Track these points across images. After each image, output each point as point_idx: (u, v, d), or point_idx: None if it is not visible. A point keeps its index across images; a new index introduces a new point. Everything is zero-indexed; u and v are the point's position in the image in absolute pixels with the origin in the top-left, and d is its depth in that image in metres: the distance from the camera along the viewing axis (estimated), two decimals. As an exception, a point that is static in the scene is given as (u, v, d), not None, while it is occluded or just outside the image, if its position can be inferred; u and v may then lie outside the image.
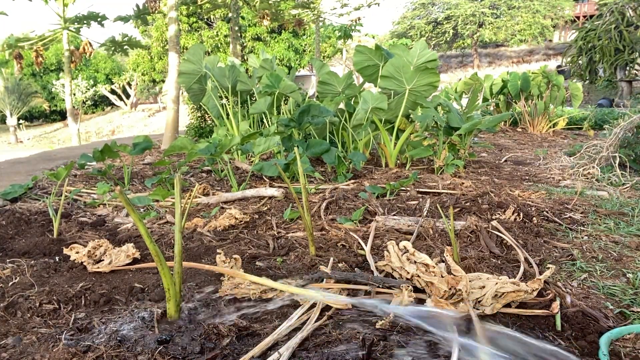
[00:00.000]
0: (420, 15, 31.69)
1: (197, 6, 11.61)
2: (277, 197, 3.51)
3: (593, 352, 1.45)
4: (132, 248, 2.34)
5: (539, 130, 8.75)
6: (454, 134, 4.61)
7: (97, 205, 3.52)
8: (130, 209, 1.51)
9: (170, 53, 6.98)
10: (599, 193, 3.72)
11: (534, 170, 4.99)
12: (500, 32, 28.78)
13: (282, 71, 6.26)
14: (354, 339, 1.50)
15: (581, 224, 2.89)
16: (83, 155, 4.50)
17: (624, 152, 4.40)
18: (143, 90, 30.62)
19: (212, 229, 2.84)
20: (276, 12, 12.06)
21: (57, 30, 13.26)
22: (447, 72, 30.23)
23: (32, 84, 27.84)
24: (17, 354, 1.47)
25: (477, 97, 9.13)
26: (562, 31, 32.11)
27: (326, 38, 22.89)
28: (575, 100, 10.05)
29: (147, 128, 25.55)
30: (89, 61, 28.88)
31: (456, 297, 1.65)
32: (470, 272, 1.89)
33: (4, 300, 1.82)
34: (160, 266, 1.59)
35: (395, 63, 4.62)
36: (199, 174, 4.64)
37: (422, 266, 1.80)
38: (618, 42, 16.06)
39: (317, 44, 15.63)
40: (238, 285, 1.90)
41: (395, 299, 1.73)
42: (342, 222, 2.92)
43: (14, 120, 26.52)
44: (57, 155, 7.06)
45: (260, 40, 19.98)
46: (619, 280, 2.05)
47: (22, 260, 2.31)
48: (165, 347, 1.45)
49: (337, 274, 1.93)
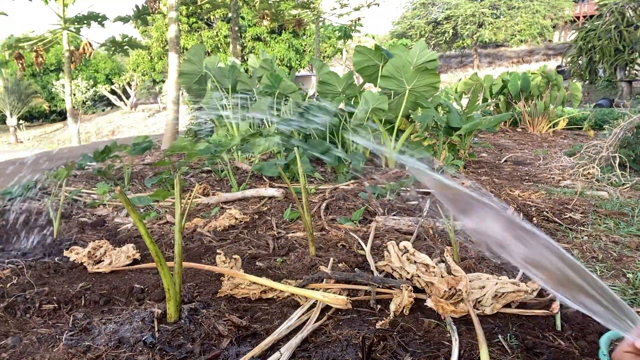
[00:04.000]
0: (420, 15, 31.71)
1: (197, 6, 11.61)
2: (277, 197, 3.51)
3: (593, 352, 1.45)
4: (133, 249, 2.34)
5: (539, 131, 8.75)
6: (454, 134, 4.62)
7: (97, 205, 3.52)
8: (130, 209, 1.51)
9: (170, 53, 6.99)
10: (599, 193, 3.72)
11: (534, 170, 4.99)
12: (500, 32, 28.80)
13: (282, 71, 6.26)
14: (354, 339, 1.50)
15: (581, 224, 2.89)
16: (83, 155, 4.50)
17: (624, 152, 4.40)
18: (143, 91, 30.64)
19: (212, 229, 2.84)
20: (276, 12, 12.06)
21: (57, 30, 13.25)
22: (447, 72, 30.23)
23: (32, 85, 27.85)
24: (17, 354, 1.47)
25: (477, 98, 9.13)
26: (562, 31, 32.12)
27: (326, 38, 22.90)
28: (574, 100, 10.06)
29: (147, 128, 25.55)
30: (89, 61, 28.89)
31: (456, 297, 1.65)
32: (470, 272, 1.89)
33: (4, 300, 1.82)
34: (160, 266, 1.59)
35: (395, 63, 4.62)
36: (199, 174, 4.64)
37: (422, 266, 1.80)
38: (618, 42, 16.06)
39: (317, 44, 15.63)
40: (238, 285, 1.89)
41: (395, 300, 1.73)
42: (342, 222, 2.92)
43: (14, 120, 26.52)
44: (57, 155, 7.06)
45: (260, 41, 19.99)
46: (619, 280, 2.05)
47: (22, 260, 2.31)
48: (165, 348, 1.45)
49: (337, 274, 1.93)
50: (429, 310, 1.69)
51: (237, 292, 1.88)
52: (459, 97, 9.58)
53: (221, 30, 19.03)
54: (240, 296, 1.87)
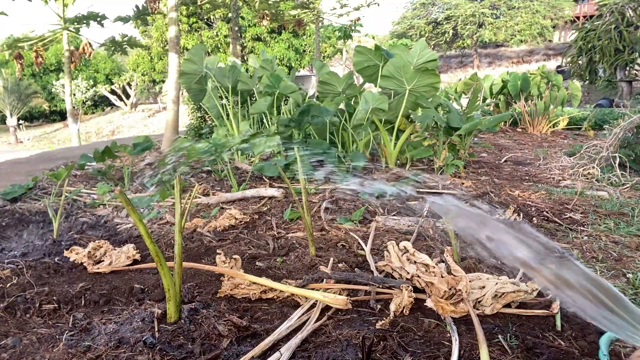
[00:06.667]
0: (420, 16, 31.70)
1: (197, 6, 11.61)
2: (277, 198, 3.51)
3: (593, 352, 1.45)
4: (133, 249, 2.34)
5: (539, 131, 8.74)
6: (454, 134, 4.61)
7: (97, 205, 3.52)
8: (130, 209, 1.51)
9: (170, 54, 6.98)
10: (599, 193, 3.71)
11: (534, 170, 4.98)
12: (500, 33, 28.80)
13: (282, 71, 6.26)
14: (354, 339, 1.50)
15: (581, 224, 2.89)
16: (83, 155, 4.50)
17: (624, 152, 4.40)
18: (143, 91, 30.63)
19: (212, 229, 2.84)
20: (276, 12, 12.05)
21: (57, 30, 13.25)
22: (447, 72, 30.22)
23: (32, 84, 27.84)
24: (17, 354, 1.47)
25: (477, 98, 9.12)
26: (562, 31, 32.11)
27: (326, 38, 22.89)
28: (574, 100, 10.05)
29: (147, 128, 25.55)
30: (89, 61, 28.87)
31: (456, 297, 1.65)
32: (470, 273, 1.89)
33: (4, 300, 1.82)
34: (160, 266, 1.59)
35: (395, 63, 4.62)
36: (199, 174, 4.64)
37: (422, 266, 1.80)
38: (618, 42, 16.05)
39: (317, 44, 15.63)
40: (238, 285, 1.89)
41: (395, 300, 1.73)
42: (342, 222, 2.92)
43: (14, 120, 26.52)
44: (57, 155, 7.06)
45: (260, 41, 19.99)
46: (619, 280, 2.05)
47: (22, 260, 2.30)
48: (165, 348, 1.45)
49: (337, 274, 1.93)
50: (429, 310, 1.69)
51: (237, 292, 1.88)
52: (458, 97, 9.57)
53: (221, 30, 19.02)
54: (240, 296, 1.87)
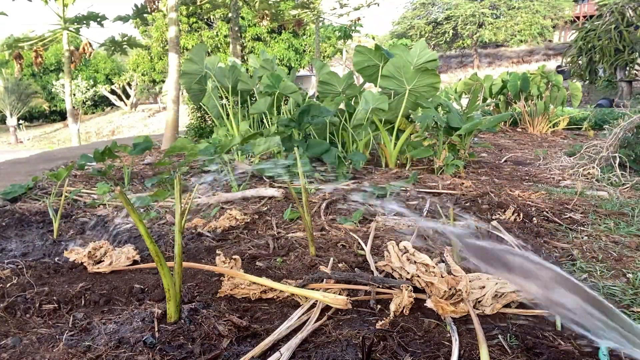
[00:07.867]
0: (420, 16, 31.71)
1: (197, 6, 11.61)
2: (277, 198, 3.51)
3: (593, 352, 1.45)
4: (133, 250, 2.34)
5: (539, 131, 8.74)
6: (454, 134, 4.61)
7: (97, 205, 3.52)
8: (130, 209, 1.51)
9: (170, 54, 6.99)
10: (599, 193, 3.71)
11: (534, 170, 4.98)
12: (500, 33, 28.81)
13: (282, 71, 6.25)
14: (354, 339, 1.50)
15: (581, 224, 2.89)
16: (83, 155, 4.50)
17: (624, 152, 4.40)
18: (143, 91, 30.63)
19: (212, 230, 2.84)
20: (276, 12, 12.05)
21: (56, 30, 13.26)
22: (447, 72, 30.22)
23: (32, 84, 27.84)
24: (17, 354, 1.46)
25: (477, 98, 9.13)
26: (562, 31, 32.11)
27: (326, 38, 22.89)
28: (574, 100, 10.05)
29: (147, 128, 25.55)
30: (89, 61, 28.88)
31: (456, 297, 1.65)
32: (470, 273, 1.89)
33: (4, 300, 1.82)
34: (160, 266, 1.59)
35: (395, 63, 4.62)
36: (199, 174, 4.63)
37: (422, 266, 1.79)
38: (618, 42, 16.06)
39: (317, 44, 15.63)
40: (238, 285, 1.89)
41: (395, 300, 1.72)
42: (342, 222, 2.92)
43: (14, 120, 26.52)
44: (57, 155, 7.06)
45: (260, 40, 19.98)
46: (619, 280, 2.05)
47: (22, 260, 2.30)
48: (165, 348, 1.45)
49: (337, 274, 1.93)
50: (429, 310, 1.69)
51: (237, 292, 1.88)
52: (458, 97, 9.57)
53: (221, 30, 19.03)
54: (240, 296, 1.87)
